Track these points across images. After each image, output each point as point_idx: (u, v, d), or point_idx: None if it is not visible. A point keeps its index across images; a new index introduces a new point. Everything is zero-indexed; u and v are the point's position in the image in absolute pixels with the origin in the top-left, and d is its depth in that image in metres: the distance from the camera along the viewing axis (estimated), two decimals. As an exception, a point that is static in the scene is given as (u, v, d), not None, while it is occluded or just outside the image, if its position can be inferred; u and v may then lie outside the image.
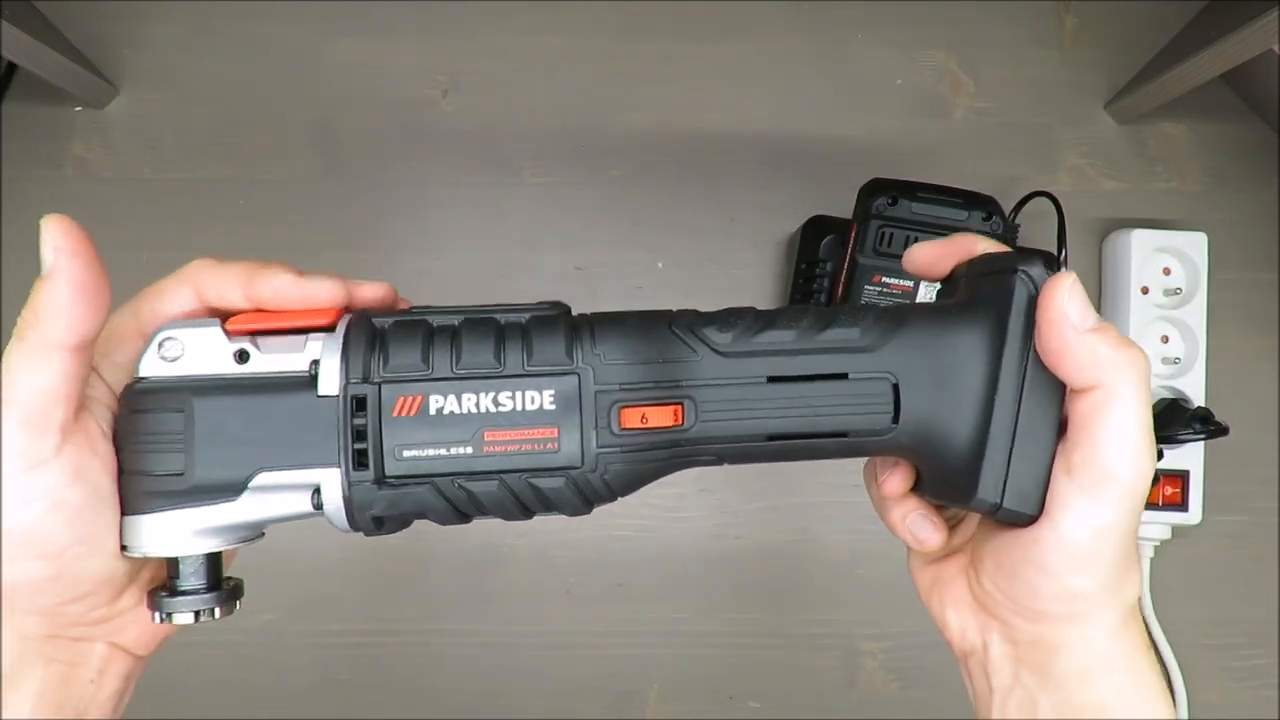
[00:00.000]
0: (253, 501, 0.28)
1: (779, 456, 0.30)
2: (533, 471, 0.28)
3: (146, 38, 0.68)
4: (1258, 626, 0.65)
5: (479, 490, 0.28)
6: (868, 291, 0.55)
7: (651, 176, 0.68)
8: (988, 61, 0.69)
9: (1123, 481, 0.27)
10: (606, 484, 0.28)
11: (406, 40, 0.69)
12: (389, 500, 0.28)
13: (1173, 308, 0.65)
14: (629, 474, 0.29)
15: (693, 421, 0.29)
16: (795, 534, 0.66)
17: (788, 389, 0.29)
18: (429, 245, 0.67)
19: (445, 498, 0.28)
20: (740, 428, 0.29)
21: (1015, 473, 0.28)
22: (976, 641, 0.32)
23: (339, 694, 0.65)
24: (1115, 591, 0.29)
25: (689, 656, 0.65)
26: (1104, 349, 0.27)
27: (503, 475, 0.28)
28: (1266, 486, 0.66)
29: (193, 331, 0.29)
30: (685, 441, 0.29)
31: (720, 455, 0.29)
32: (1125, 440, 0.27)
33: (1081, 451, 0.27)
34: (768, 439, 0.29)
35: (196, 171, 0.67)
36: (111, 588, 0.29)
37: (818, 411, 0.29)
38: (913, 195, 0.54)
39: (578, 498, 0.29)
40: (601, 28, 0.69)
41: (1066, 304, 0.27)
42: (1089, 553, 0.28)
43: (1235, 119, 0.69)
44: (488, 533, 0.66)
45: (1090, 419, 0.27)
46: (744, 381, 0.29)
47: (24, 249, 0.66)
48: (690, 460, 0.29)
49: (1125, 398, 0.27)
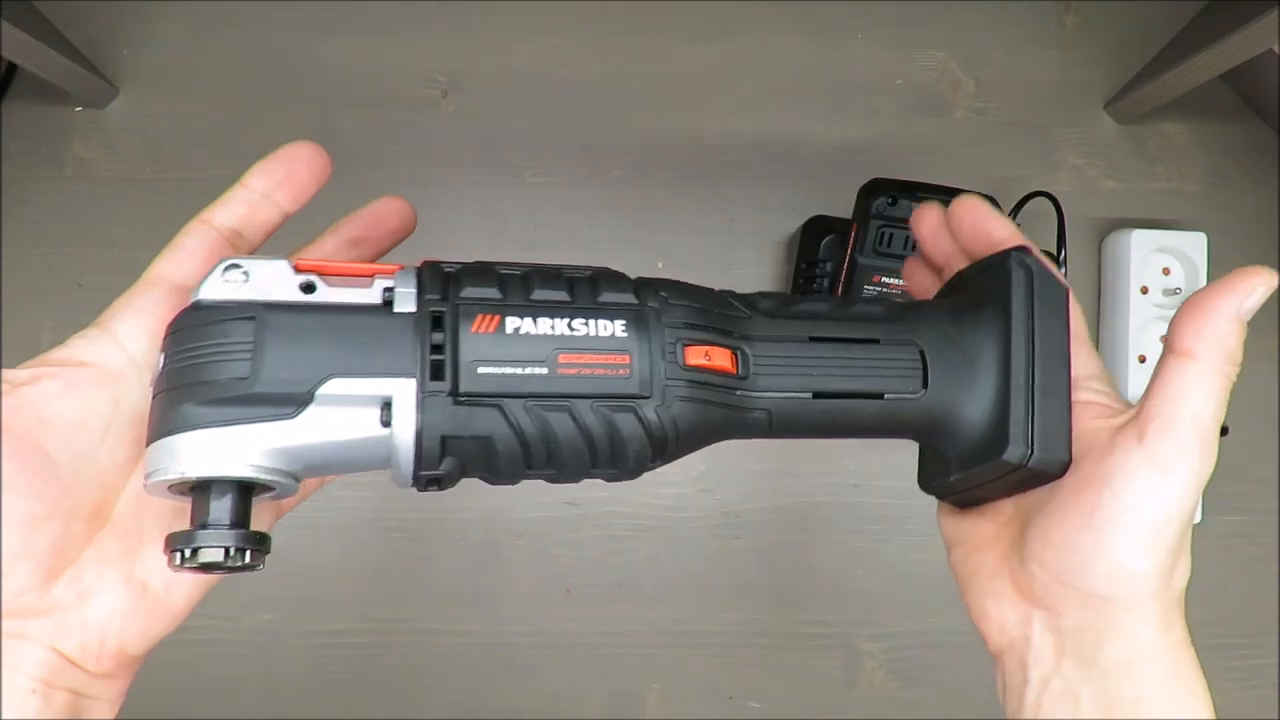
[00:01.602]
0: (316, 418, 0.26)
1: (823, 421, 0.31)
2: (604, 399, 0.28)
3: (146, 38, 0.68)
4: (1258, 626, 0.65)
5: (551, 418, 0.28)
6: (868, 291, 0.55)
7: (651, 176, 0.68)
8: (988, 61, 0.69)
9: (1196, 459, 0.27)
10: (674, 422, 0.29)
11: (406, 40, 0.69)
12: (460, 420, 0.27)
13: (1172, 307, 0.64)
14: (692, 415, 0.29)
15: (746, 372, 0.30)
16: (795, 534, 0.66)
17: (828, 348, 0.31)
18: (429, 245, 0.67)
19: (515, 425, 0.28)
20: (788, 383, 0.30)
21: (1041, 426, 0.29)
22: (1017, 633, 0.30)
23: (337, 694, 0.65)
24: (1167, 579, 0.28)
25: (689, 656, 0.65)
26: (1230, 333, 0.28)
27: (574, 401, 0.28)
28: (1266, 486, 0.66)
29: (257, 262, 0.28)
30: (741, 389, 0.30)
31: (770, 413, 0.30)
32: (1208, 417, 0.27)
33: (1161, 421, 0.27)
34: (814, 395, 0.30)
35: (196, 171, 0.67)
36: (40, 560, 0.26)
37: (856, 371, 0.31)
38: (913, 195, 0.54)
39: (644, 435, 0.28)
40: (601, 28, 0.69)
41: (1261, 288, 0.28)
42: (1150, 531, 0.27)
43: (1235, 119, 0.69)
44: (488, 533, 0.66)
45: (1179, 387, 0.27)
46: (790, 339, 0.31)
47: (24, 249, 0.66)
48: (743, 417, 0.30)
49: (1221, 376, 0.28)
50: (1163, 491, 0.27)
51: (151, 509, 0.29)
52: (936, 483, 0.33)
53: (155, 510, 0.29)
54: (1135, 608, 0.28)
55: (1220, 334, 0.28)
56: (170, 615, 0.29)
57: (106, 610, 0.28)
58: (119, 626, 0.28)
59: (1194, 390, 0.27)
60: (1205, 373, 0.27)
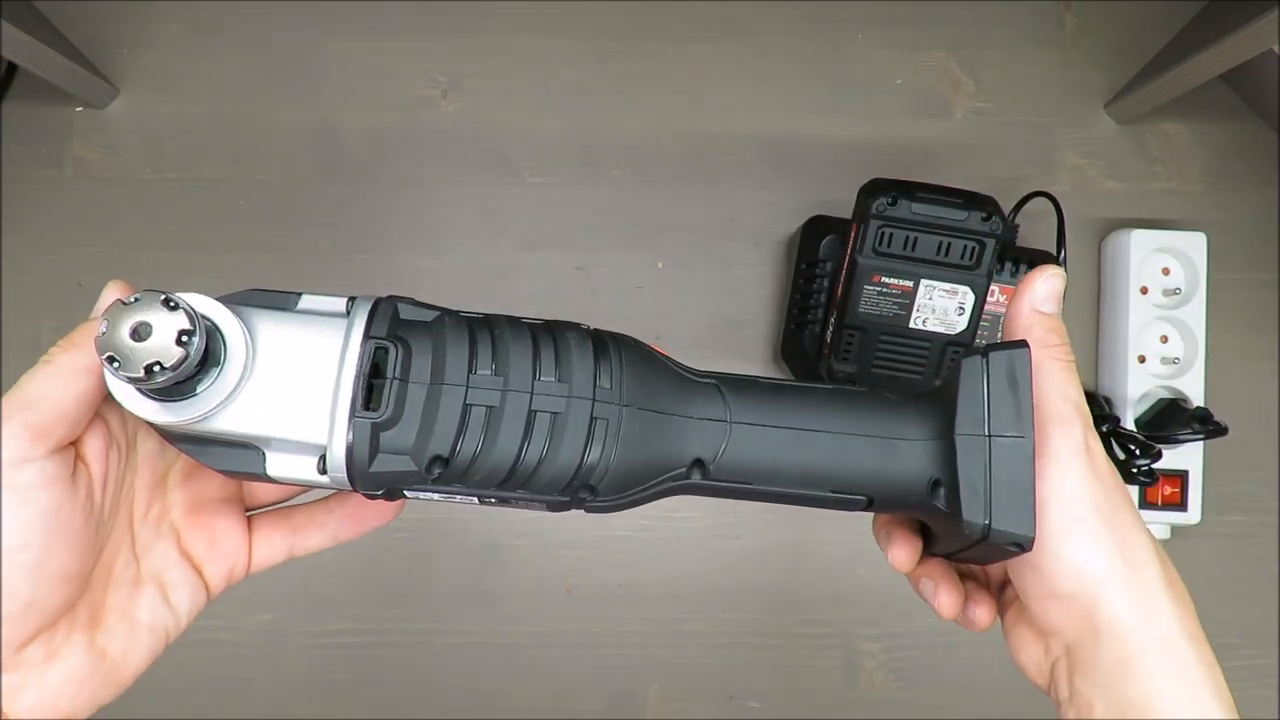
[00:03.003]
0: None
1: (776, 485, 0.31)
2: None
3: (146, 38, 0.68)
4: (1258, 626, 0.65)
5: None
6: (868, 291, 0.55)
7: (651, 176, 0.68)
8: (988, 61, 0.69)
9: (1056, 431, 0.29)
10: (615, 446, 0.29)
11: (406, 40, 0.69)
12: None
13: (1172, 308, 0.65)
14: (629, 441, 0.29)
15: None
16: (795, 534, 0.66)
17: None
18: (429, 245, 0.67)
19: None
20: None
21: (998, 498, 0.28)
22: (1045, 668, 0.31)
23: (339, 694, 0.65)
24: (1123, 562, 0.29)
25: (689, 656, 0.65)
26: (1041, 325, 0.31)
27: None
28: (1266, 486, 0.66)
29: None
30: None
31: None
32: (1051, 393, 0.30)
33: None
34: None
35: (196, 171, 0.67)
36: (29, 620, 0.27)
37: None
38: (912, 195, 0.54)
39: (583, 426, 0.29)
40: (601, 28, 0.69)
41: (1040, 282, 0.31)
42: (1060, 510, 0.28)
43: (1235, 119, 0.69)
44: (488, 533, 0.66)
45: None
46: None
47: (24, 249, 0.66)
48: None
49: (1049, 360, 0.30)
50: (1047, 475, 0.29)
51: (117, 579, 0.30)
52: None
53: (119, 580, 0.30)
54: (1105, 600, 0.29)
55: (1024, 329, 0.31)
56: (119, 683, 0.30)
57: (65, 674, 0.28)
58: (73, 691, 0.28)
59: (1038, 377, 0.30)
60: (1033, 363, 0.30)
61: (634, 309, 0.67)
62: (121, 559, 0.31)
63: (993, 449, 0.28)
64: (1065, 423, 0.29)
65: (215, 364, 0.27)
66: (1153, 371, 0.64)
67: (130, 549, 0.31)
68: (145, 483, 0.32)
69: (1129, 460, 0.59)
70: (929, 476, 0.30)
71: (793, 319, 0.63)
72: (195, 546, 0.33)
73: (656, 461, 0.30)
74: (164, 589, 0.32)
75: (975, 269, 0.55)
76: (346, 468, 0.27)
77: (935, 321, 0.56)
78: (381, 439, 0.28)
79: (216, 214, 0.67)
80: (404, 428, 0.28)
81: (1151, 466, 0.58)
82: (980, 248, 0.54)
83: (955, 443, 0.29)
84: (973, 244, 0.54)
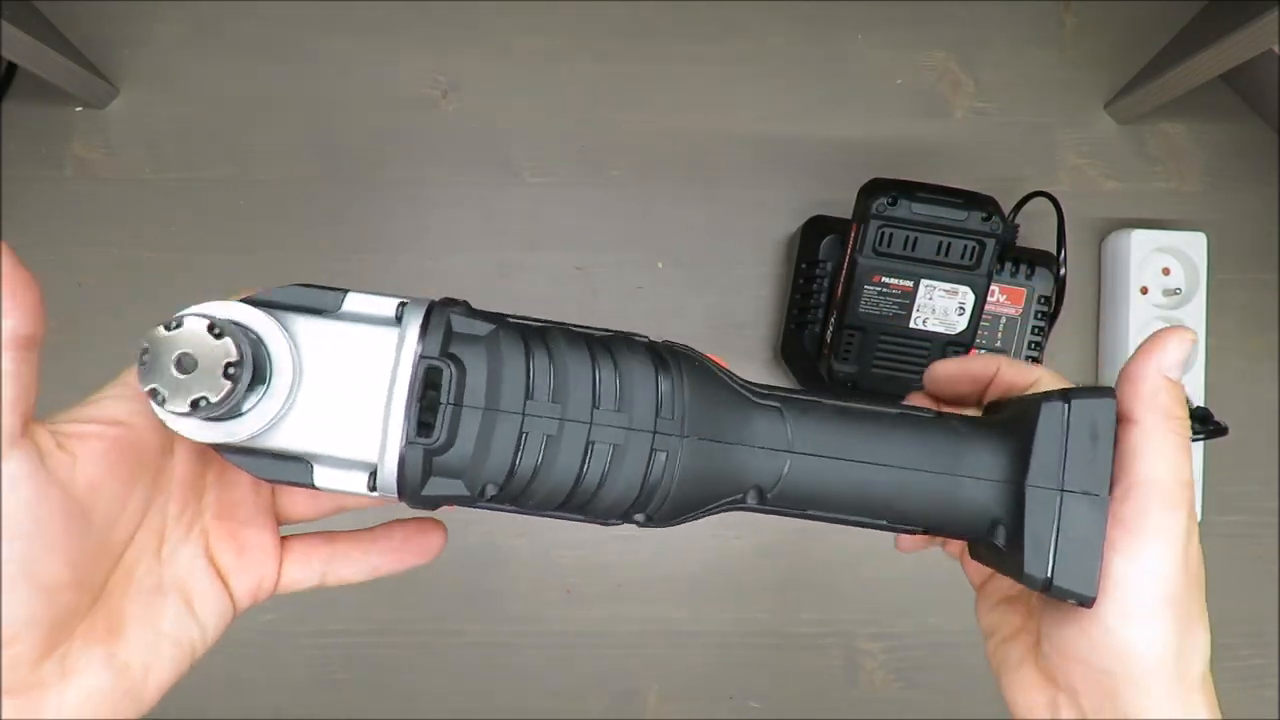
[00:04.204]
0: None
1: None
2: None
3: (146, 38, 0.68)
4: (1258, 627, 0.65)
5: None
6: (868, 291, 0.55)
7: (651, 176, 0.68)
8: (988, 61, 0.69)
9: (1159, 519, 0.27)
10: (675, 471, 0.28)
11: (406, 40, 0.69)
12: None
13: (1172, 308, 0.65)
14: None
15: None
16: (795, 533, 0.66)
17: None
18: (429, 245, 0.67)
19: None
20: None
21: (1063, 551, 0.28)
22: (1045, 716, 0.31)
23: (339, 694, 0.65)
24: (1177, 655, 0.28)
25: (689, 656, 0.65)
26: (1159, 390, 0.28)
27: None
28: (1266, 486, 0.66)
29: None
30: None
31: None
32: (1163, 475, 0.28)
33: (1121, 487, 0.28)
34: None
35: (196, 171, 0.67)
36: (46, 631, 0.26)
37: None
38: (912, 195, 0.54)
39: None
40: (601, 28, 0.69)
41: (1174, 345, 0.29)
42: (1136, 597, 0.27)
43: (1235, 119, 0.69)
44: (488, 532, 0.66)
45: (1128, 453, 0.28)
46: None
47: (24, 249, 0.66)
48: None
49: (1165, 433, 0.28)
50: (1140, 555, 0.27)
51: (138, 585, 0.29)
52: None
53: (140, 587, 0.29)
54: (1146, 685, 0.28)
55: (1149, 394, 0.28)
56: (143, 701, 0.29)
57: (86, 692, 0.27)
58: (94, 708, 0.27)
59: (1144, 452, 0.28)
60: (1150, 433, 0.28)
61: (634, 309, 0.67)
62: (144, 564, 0.29)
63: (1064, 504, 0.28)
64: (1175, 506, 0.27)
65: (261, 382, 0.26)
66: (1153, 371, 0.64)
67: (156, 552, 0.30)
68: (184, 479, 0.30)
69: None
70: (991, 517, 0.29)
71: (793, 319, 0.63)
72: (223, 555, 0.32)
73: (715, 490, 0.29)
74: (189, 599, 0.30)
75: (975, 269, 0.55)
76: (398, 490, 0.27)
77: (935, 321, 0.56)
78: (434, 463, 0.27)
79: (216, 214, 0.67)
80: (458, 452, 0.27)
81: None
82: (980, 248, 0.54)
83: (1025, 493, 0.28)
84: (973, 244, 0.54)
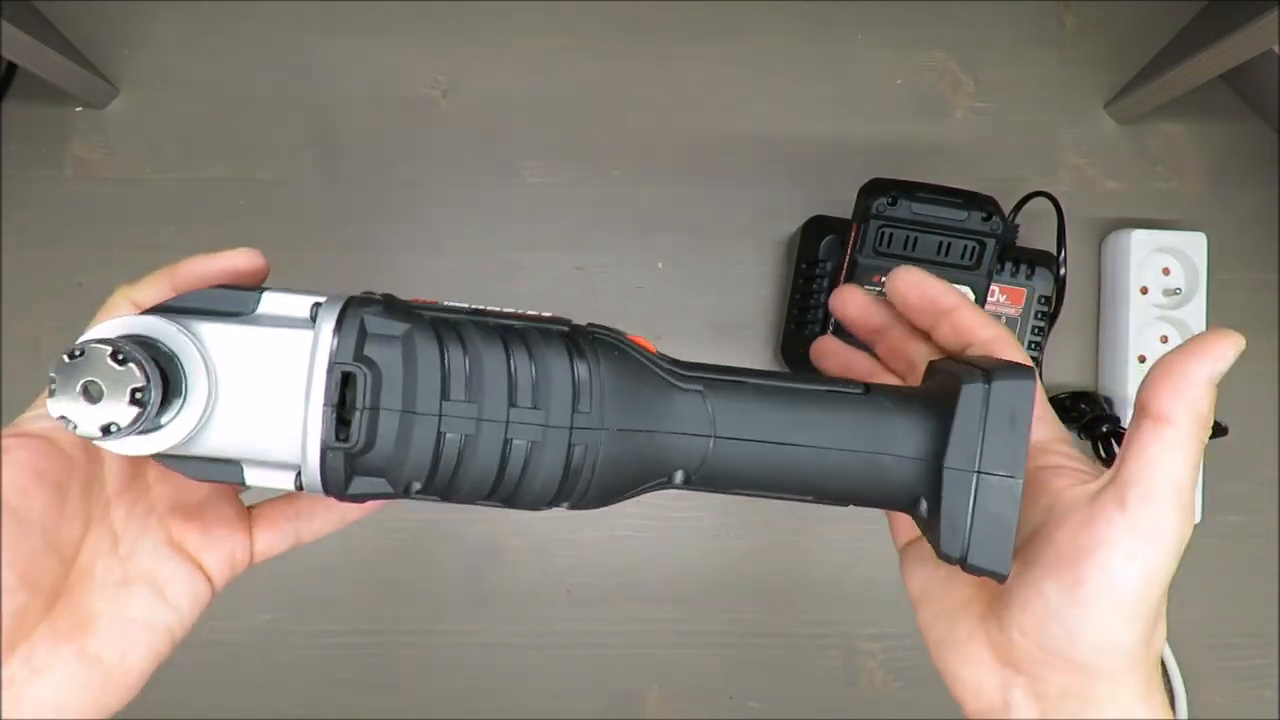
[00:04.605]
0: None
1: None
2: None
3: (146, 38, 0.68)
4: (1258, 626, 0.65)
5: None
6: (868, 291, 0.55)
7: (651, 176, 0.68)
8: (988, 61, 0.69)
9: (1177, 525, 0.27)
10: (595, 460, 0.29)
11: (406, 40, 0.69)
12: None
13: (1172, 308, 0.65)
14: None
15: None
16: (795, 534, 0.66)
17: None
18: (429, 245, 0.67)
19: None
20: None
21: (978, 531, 0.28)
22: (996, 699, 0.30)
23: (339, 694, 0.65)
24: (1148, 645, 0.28)
25: (689, 656, 0.65)
26: (1203, 397, 0.27)
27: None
28: (1266, 486, 0.66)
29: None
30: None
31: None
32: (1186, 483, 0.27)
33: (1140, 488, 0.27)
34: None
35: (196, 171, 0.67)
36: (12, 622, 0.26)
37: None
38: (913, 195, 0.54)
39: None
40: (601, 28, 0.69)
41: (1228, 350, 0.28)
42: (1135, 600, 0.27)
43: (1235, 119, 0.69)
44: (488, 532, 0.66)
45: (1157, 453, 0.27)
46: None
47: (24, 249, 0.66)
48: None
49: (1196, 441, 0.27)
50: (1147, 560, 0.27)
51: (99, 582, 0.29)
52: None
53: (103, 583, 0.29)
54: (1119, 676, 0.28)
55: (1194, 398, 0.27)
56: (126, 685, 0.29)
57: (60, 687, 0.27)
58: (72, 701, 0.28)
59: (1172, 456, 0.27)
60: (1183, 438, 0.27)
61: (634, 309, 0.67)
62: (102, 563, 0.30)
63: (979, 485, 0.28)
64: (1188, 519, 0.27)
65: (177, 395, 0.26)
66: (1153, 371, 0.64)
67: (112, 552, 0.30)
68: (119, 484, 0.31)
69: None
70: (912, 494, 0.30)
71: (793, 319, 0.63)
72: (188, 539, 0.32)
73: (639, 475, 0.30)
74: (158, 585, 0.31)
75: (975, 269, 0.55)
76: (323, 489, 0.27)
77: (935, 321, 0.56)
78: (356, 463, 0.27)
79: (216, 214, 0.67)
80: (378, 453, 0.27)
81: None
82: (980, 248, 0.54)
83: (942, 475, 0.28)
84: (973, 244, 0.54)
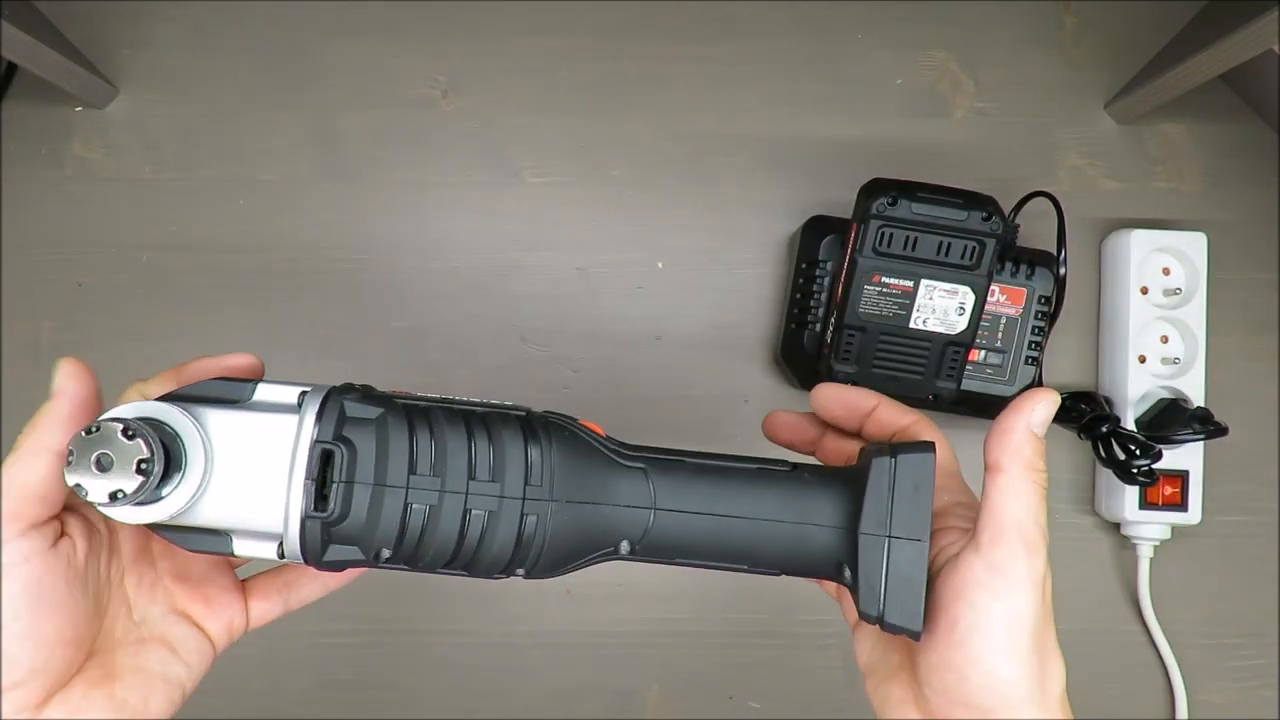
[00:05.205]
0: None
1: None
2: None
3: (146, 38, 0.68)
4: (1258, 626, 0.65)
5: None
6: (868, 291, 0.55)
7: (651, 176, 0.68)
8: (988, 61, 0.69)
9: (1025, 560, 0.30)
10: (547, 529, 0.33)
11: (406, 40, 0.69)
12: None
13: (1172, 308, 0.65)
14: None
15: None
16: (795, 534, 0.66)
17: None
18: (429, 245, 0.67)
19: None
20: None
21: (892, 591, 0.31)
22: None
23: (339, 694, 0.65)
24: (1040, 682, 0.30)
25: (689, 656, 0.65)
26: (1024, 444, 0.32)
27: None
28: (1266, 486, 0.66)
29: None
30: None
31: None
32: (1027, 521, 0.31)
33: (990, 531, 0.31)
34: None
35: (196, 171, 0.67)
36: (36, 684, 0.30)
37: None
38: (913, 195, 0.54)
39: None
40: (601, 28, 0.69)
41: (1041, 406, 0.32)
42: (1006, 633, 0.30)
43: (1235, 119, 0.69)
44: (488, 533, 0.66)
45: (996, 498, 0.31)
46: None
47: (24, 249, 0.66)
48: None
49: (1028, 483, 0.31)
50: (1006, 594, 0.30)
51: (120, 641, 0.33)
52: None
53: (124, 642, 0.33)
54: (1016, 712, 0.30)
55: (1016, 445, 0.32)
56: None
57: None
58: None
59: (1008, 498, 0.31)
60: (1014, 481, 0.31)
61: (634, 309, 0.67)
62: (121, 626, 0.34)
63: (891, 549, 0.32)
64: (1034, 552, 0.31)
65: (177, 470, 0.30)
66: (1153, 371, 0.64)
67: (128, 616, 0.34)
68: (131, 556, 0.35)
69: (1129, 460, 0.59)
70: (835, 560, 0.34)
71: (793, 319, 0.63)
72: (191, 607, 0.36)
73: (585, 546, 0.34)
74: (171, 645, 0.35)
75: (975, 269, 0.55)
76: (303, 557, 0.31)
77: (935, 321, 0.56)
78: (332, 533, 0.31)
79: (216, 214, 0.67)
80: (352, 522, 0.31)
81: (1151, 467, 0.58)
82: (980, 248, 0.54)
83: (858, 540, 0.32)
84: (973, 244, 0.54)
